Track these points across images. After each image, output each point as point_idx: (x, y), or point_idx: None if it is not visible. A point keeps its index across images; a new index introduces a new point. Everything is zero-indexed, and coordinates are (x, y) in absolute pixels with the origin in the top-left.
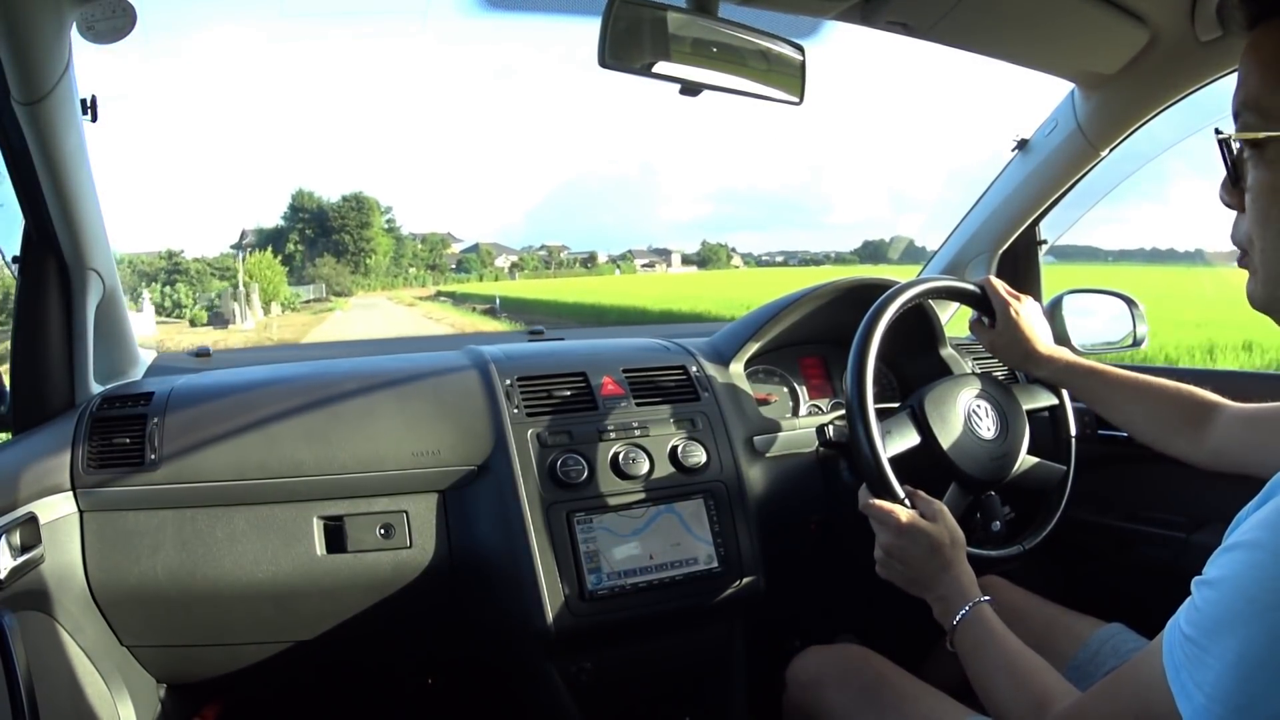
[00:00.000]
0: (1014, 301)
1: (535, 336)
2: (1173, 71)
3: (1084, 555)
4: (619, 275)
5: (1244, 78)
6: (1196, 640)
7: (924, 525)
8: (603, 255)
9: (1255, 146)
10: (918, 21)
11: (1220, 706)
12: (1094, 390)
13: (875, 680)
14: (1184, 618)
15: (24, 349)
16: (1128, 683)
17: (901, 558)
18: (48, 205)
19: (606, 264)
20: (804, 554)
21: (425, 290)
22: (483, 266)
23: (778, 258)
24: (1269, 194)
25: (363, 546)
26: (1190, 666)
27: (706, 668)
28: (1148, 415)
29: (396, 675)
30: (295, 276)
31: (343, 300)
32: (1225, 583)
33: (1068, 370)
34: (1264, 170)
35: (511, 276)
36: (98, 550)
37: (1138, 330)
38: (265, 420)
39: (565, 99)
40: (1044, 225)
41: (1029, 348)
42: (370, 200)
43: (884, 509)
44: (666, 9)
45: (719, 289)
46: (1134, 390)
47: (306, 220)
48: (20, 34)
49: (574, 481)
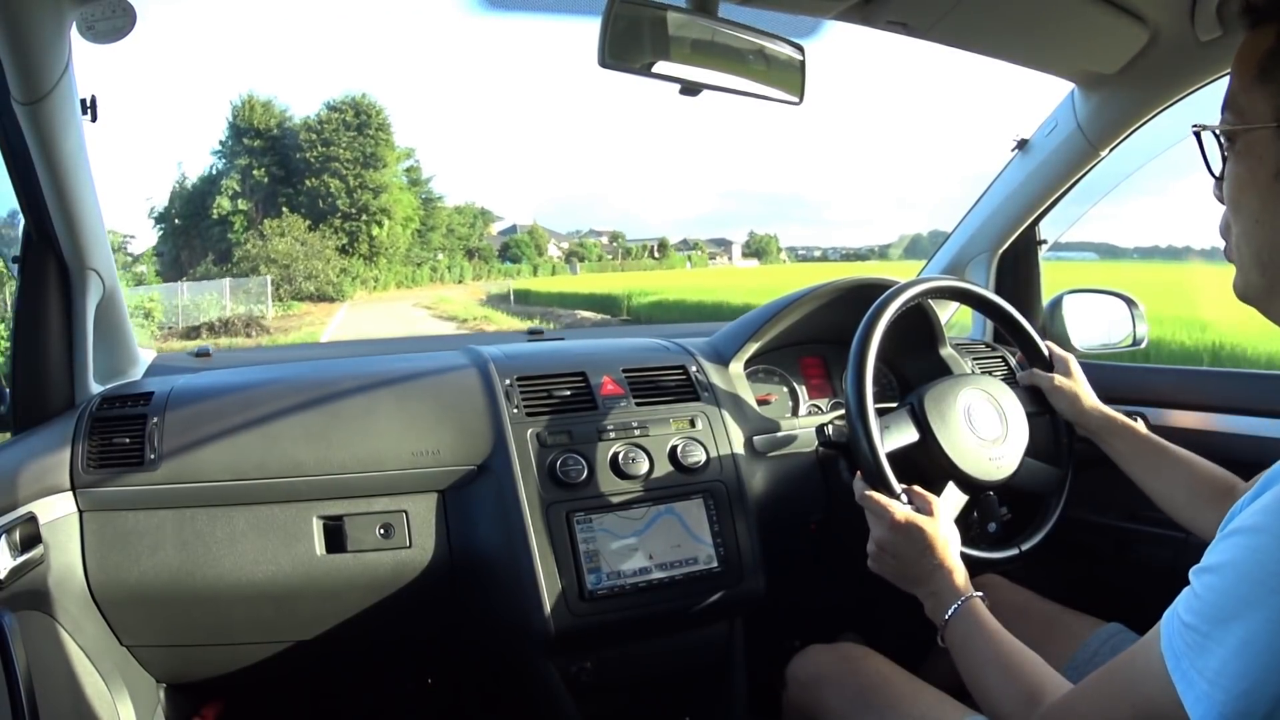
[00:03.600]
0: (1072, 356)
1: (535, 336)
2: (1173, 71)
3: (1083, 555)
4: (690, 269)
5: (1230, 79)
6: (1197, 627)
7: (919, 521)
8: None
9: (1229, 140)
10: (917, 21)
11: (1224, 693)
12: (1135, 450)
13: (875, 679)
14: (1183, 606)
15: (24, 349)
16: (1123, 674)
17: (894, 552)
18: (48, 205)
19: (679, 255)
20: (804, 554)
21: (473, 289)
22: (537, 255)
23: (815, 252)
24: (1237, 184)
25: (362, 546)
26: (1191, 654)
27: (706, 668)
28: (1189, 488)
29: (396, 675)
30: (226, 262)
31: (319, 312)
32: (1226, 568)
33: (1109, 425)
34: (1234, 162)
35: (571, 268)
36: (97, 550)
37: (1137, 330)
38: (265, 420)
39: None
40: (1043, 225)
41: (1083, 401)
42: (378, 115)
43: (880, 502)
44: (666, 9)
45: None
46: (1175, 460)
47: (257, 153)
48: (20, 34)
49: (574, 481)
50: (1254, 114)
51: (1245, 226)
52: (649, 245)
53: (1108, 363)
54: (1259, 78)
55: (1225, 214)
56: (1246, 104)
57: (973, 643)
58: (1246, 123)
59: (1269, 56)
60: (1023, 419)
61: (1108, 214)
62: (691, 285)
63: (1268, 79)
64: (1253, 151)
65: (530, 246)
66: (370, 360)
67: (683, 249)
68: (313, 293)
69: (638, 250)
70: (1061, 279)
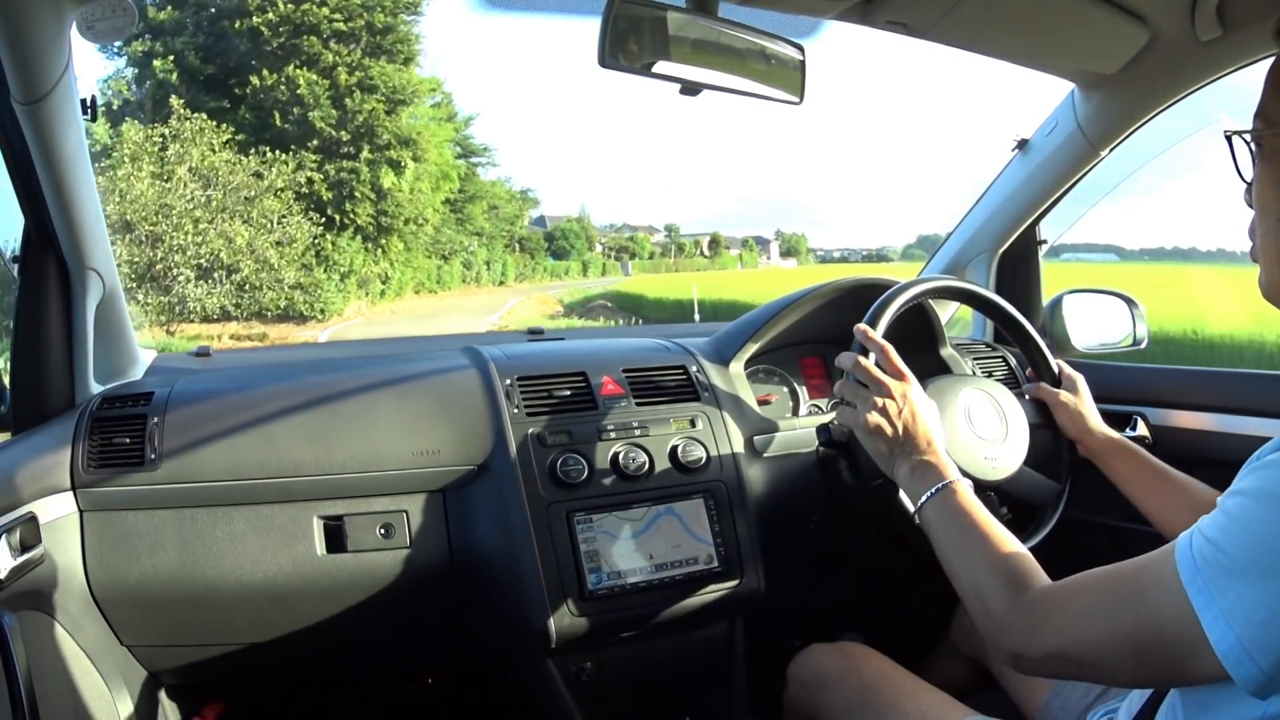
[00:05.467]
0: (1081, 377)
1: (535, 336)
2: (1173, 71)
3: (1083, 555)
4: (741, 269)
5: (1263, 90)
6: (1223, 546)
7: (926, 399)
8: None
9: (1257, 144)
10: (917, 21)
11: (1244, 616)
12: (1136, 473)
13: (876, 679)
14: (1208, 524)
15: (24, 349)
16: (1131, 581)
17: (895, 420)
18: (48, 205)
19: (730, 254)
20: (804, 554)
21: (523, 294)
22: (587, 249)
23: (835, 254)
24: (1263, 185)
25: (363, 546)
26: (1211, 570)
27: (706, 667)
28: (1189, 511)
29: (397, 675)
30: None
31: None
32: (1264, 495)
33: (1111, 446)
34: (1261, 164)
35: (623, 267)
36: (98, 550)
37: (1137, 330)
38: (265, 420)
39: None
40: (1043, 225)
41: (1088, 421)
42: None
43: (903, 369)
44: (666, 9)
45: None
46: (1175, 484)
47: (168, 31)
48: (20, 34)
49: (574, 481)
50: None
51: (1269, 226)
52: (700, 241)
53: (1108, 363)
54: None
55: (1253, 217)
56: (1275, 112)
57: (953, 521)
58: (1273, 128)
59: None
60: (1023, 421)
61: (1108, 214)
62: (765, 288)
63: None
64: (1277, 155)
65: (581, 238)
66: (370, 360)
67: (748, 249)
68: (256, 307)
69: (690, 247)
70: (1076, 281)
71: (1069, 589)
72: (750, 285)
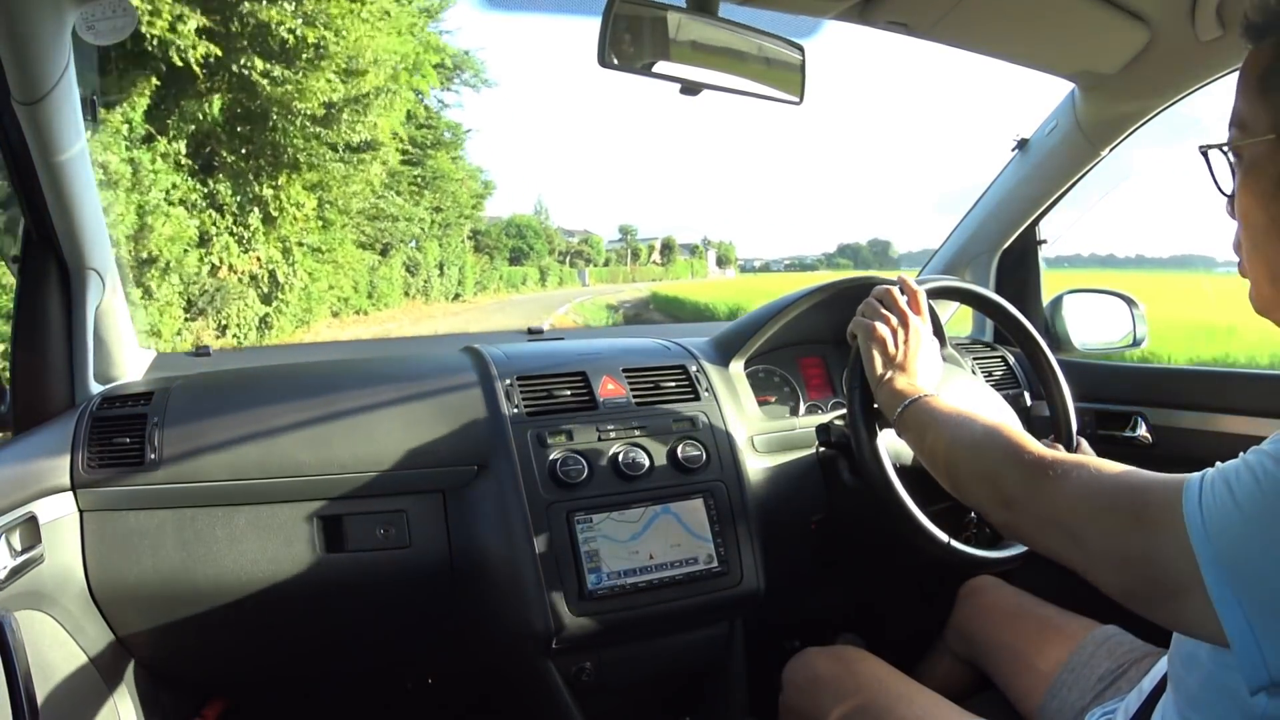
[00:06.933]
0: (1085, 443)
1: (535, 336)
2: (1173, 71)
3: None
4: (693, 279)
5: (1236, 96)
6: (1234, 493)
7: (936, 349)
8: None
9: (1236, 155)
10: (917, 21)
11: (1229, 568)
12: None
13: (871, 682)
14: (1232, 470)
15: (24, 349)
16: (1136, 484)
17: (900, 343)
18: (48, 205)
19: (682, 260)
20: (804, 554)
21: (489, 306)
22: (546, 251)
23: (755, 262)
24: (1246, 197)
25: (362, 546)
26: (1216, 507)
27: (706, 668)
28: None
29: (397, 674)
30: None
31: None
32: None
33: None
34: (1242, 176)
35: (581, 276)
36: (98, 550)
37: (1137, 330)
38: (265, 420)
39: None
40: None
41: None
42: None
43: (925, 312)
44: (666, 9)
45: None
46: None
47: None
48: (20, 34)
49: (574, 481)
50: (1256, 127)
51: (1254, 239)
52: (654, 246)
53: (1108, 363)
54: (1260, 91)
55: (1237, 230)
56: (1250, 118)
57: (940, 411)
58: (1249, 136)
59: (1269, 71)
60: (1022, 424)
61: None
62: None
63: (1268, 92)
64: (1257, 164)
65: (541, 237)
66: (370, 360)
67: (697, 256)
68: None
69: (645, 252)
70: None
71: (1074, 462)
72: (732, 294)
